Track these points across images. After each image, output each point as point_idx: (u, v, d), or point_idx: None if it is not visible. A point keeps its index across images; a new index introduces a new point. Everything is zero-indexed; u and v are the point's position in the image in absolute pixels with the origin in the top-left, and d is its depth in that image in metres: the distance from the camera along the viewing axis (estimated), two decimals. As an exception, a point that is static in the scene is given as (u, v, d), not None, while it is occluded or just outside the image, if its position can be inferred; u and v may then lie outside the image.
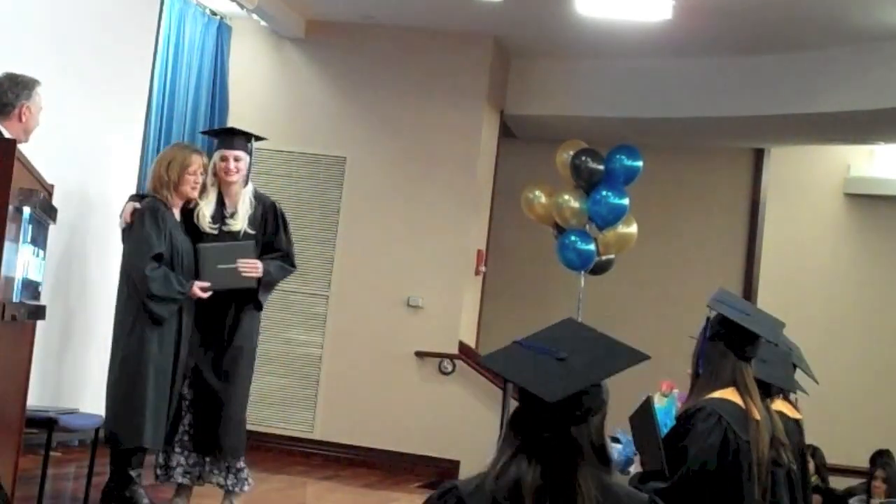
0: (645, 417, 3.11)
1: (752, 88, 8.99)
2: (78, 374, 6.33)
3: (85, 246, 6.17)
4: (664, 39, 8.59)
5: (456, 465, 8.61)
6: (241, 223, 5.45)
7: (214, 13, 8.83)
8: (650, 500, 1.90)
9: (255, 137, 5.61)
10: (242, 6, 8.29)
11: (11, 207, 3.70)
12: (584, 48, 9.21)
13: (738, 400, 3.14)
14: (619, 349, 2.00)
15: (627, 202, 8.25)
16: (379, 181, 9.21)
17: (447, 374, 8.92)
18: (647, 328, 10.33)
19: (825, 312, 10.37)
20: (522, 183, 8.91)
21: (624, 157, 8.34)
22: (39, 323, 4.52)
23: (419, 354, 8.98)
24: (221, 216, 5.47)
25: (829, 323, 10.21)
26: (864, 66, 8.41)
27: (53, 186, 4.48)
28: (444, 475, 8.13)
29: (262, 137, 5.74)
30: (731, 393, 3.15)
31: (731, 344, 3.19)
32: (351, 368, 9.03)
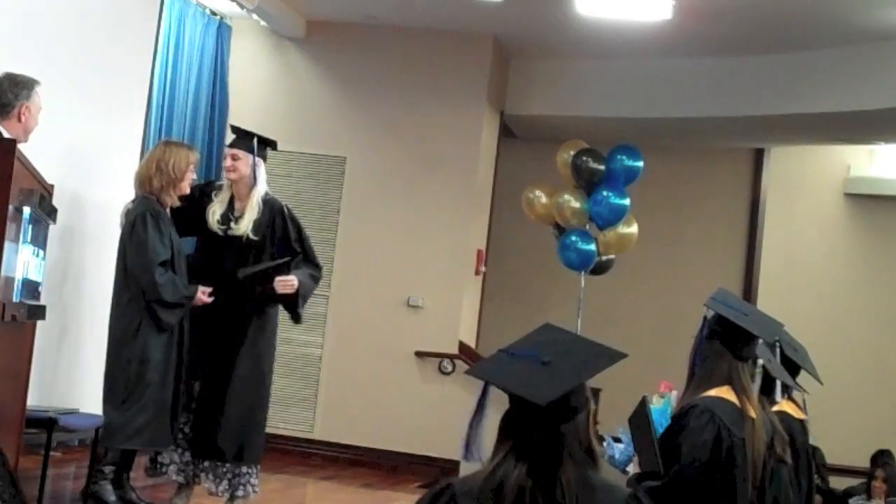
0: (640, 418, 3.13)
1: (752, 88, 8.98)
2: (78, 374, 6.32)
3: (85, 246, 6.16)
4: (664, 39, 8.59)
5: (456, 465, 8.59)
6: (244, 228, 5.47)
7: (214, 13, 8.83)
8: (631, 495, 1.93)
9: (263, 141, 5.63)
10: (242, 6, 8.29)
11: (11, 207, 3.70)
12: (584, 48, 9.21)
13: (732, 398, 3.14)
14: (599, 350, 2.15)
15: (628, 202, 8.26)
16: (379, 181, 9.20)
17: (447, 374, 8.91)
18: (646, 328, 10.34)
19: (825, 312, 10.36)
20: (522, 183, 8.90)
21: (624, 157, 8.35)
22: (39, 323, 4.52)
23: (419, 354, 8.98)
24: (228, 218, 5.49)
25: (828, 322, 10.21)
26: (864, 66, 8.41)
27: (53, 186, 4.48)
28: (444, 475, 8.12)
29: (269, 141, 5.74)
30: (726, 391, 3.15)
31: (727, 343, 3.20)
32: (351, 368, 9.03)
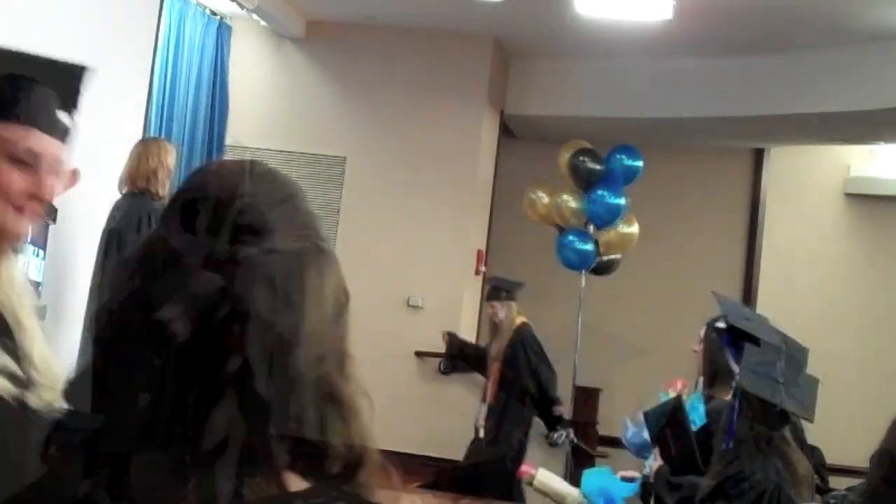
0: (675, 416, 3.18)
1: (752, 88, 8.98)
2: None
3: (85, 246, 6.17)
4: (664, 39, 8.59)
5: (456, 464, 8.60)
6: None
7: (214, 13, 8.83)
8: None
9: None
10: (242, 6, 8.29)
11: (11, 207, 3.70)
12: (584, 48, 9.21)
13: None
14: None
15: (624, 202, 8.27)
16: (379, 181, 9.20)
17: (447, 374, 8.91)
18: (647, 328, 10.33)
19: (825, 312, 10.36)
20: (522, 183, 8.90)
21: (624, 157, 8.35)
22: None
23: (419, 354, 8.98)
24: None
25: (828, 323, 10.20)
26: (864, 66, 8.41)
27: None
28: (444, 475, 8.12)
29: None
30: None
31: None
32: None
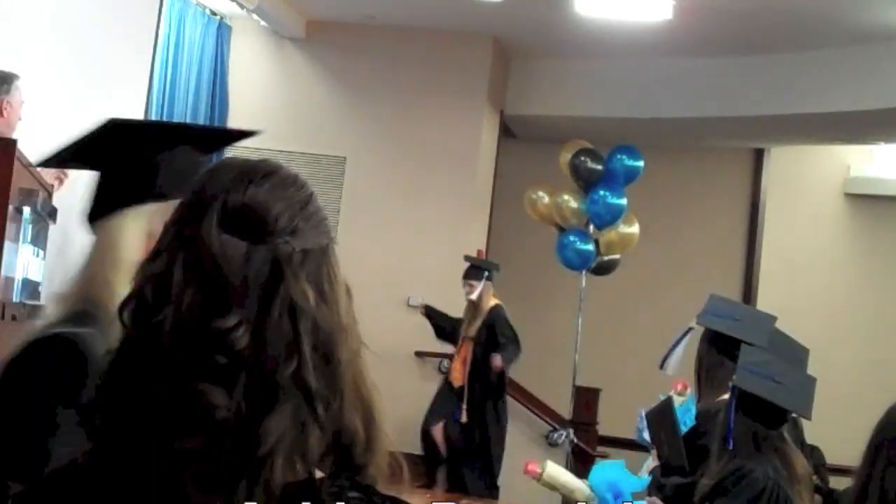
0: (665, 416, 3.19)
1: (752, 88, 8.98)
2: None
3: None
4: (664, 39, 8.59)
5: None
6: None
7: (214, 13, 8.83)
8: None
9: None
10: (242, 6, 8.29)
11: (11, 207, 3.70)
12: (584, 48, 9.21)
13: None
14: None
15: (625, 202, 8.26)
16: (379, 181, 9.20)
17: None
18: (646, 328, 10.33)
19: (825, 312, 10.36)
20: (522, 183, 8.90)
21: (624, 157, 8.35)
22: (39, 323, 4.51)
23: (419, 354, 8.97)
24: None
25: (828, 322, 10.20)
26: (864, 66, 8.41)
27: (53, 186, 4.48)
28: (444, 475, 8.12)
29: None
30: None
31: (723, 351, 3.30)
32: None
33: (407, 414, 8.92)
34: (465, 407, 7.92)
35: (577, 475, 4.07)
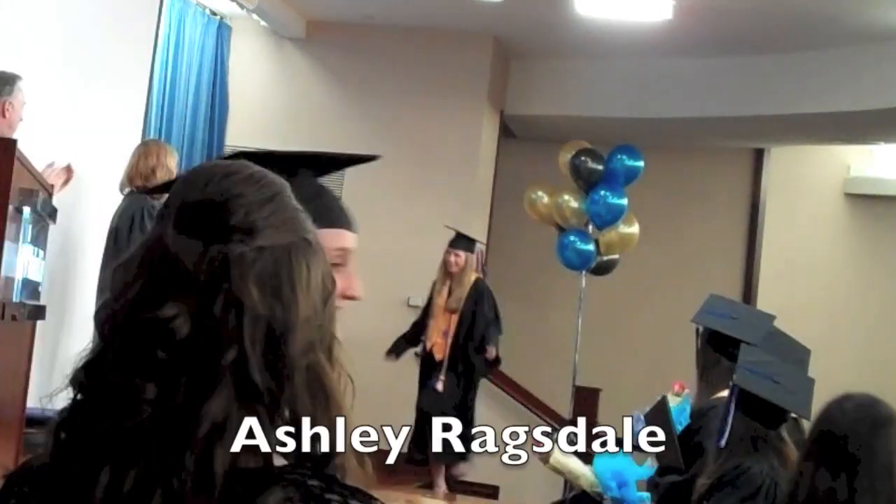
0: (660, 416, 3.20)
1: (752, 88, 8.98)
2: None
3: (85, 246, 6.16)
4: (664, 39, 8.59)
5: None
6: None
7: (214, 13, 8.83)
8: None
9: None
10: (242, 6, 8.29)
11: (11, 207, 3.70)
12: (584, 48, 9.21)
13: None
14: None
15: (626, 202, 8.26)
16: (379, 181, 9.19)
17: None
18: (646, 328, 10.34)
19: (825, 312, 10.36)
20: (523, 183, 8.90)
21: (625, 157, 8.35)
22: (39, 323, 4.52)
23: (419, 354, 8.96)
24: None
25: (828, 322, 10.20)
26: (864, 66, 8.41)
27: (53, 186, 4.48)
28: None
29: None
30: None
31: (720, 350, 3.31)
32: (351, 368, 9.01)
33: (407, 414, 8.92)
34: (442, 378, 7.90)
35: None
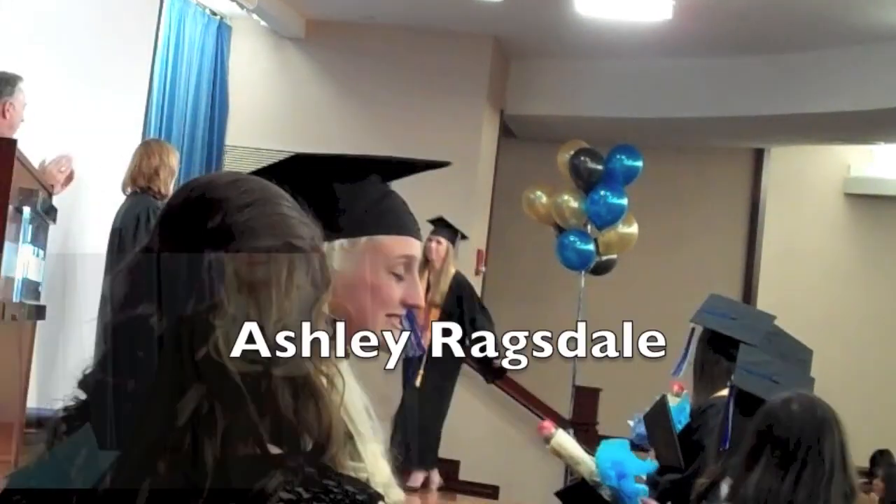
0: (660, 415, 3.22)
1: (752, 88, 8.99)
2: (78, 374, 6.31)
3: (85, 246, 6.16)
4: (664, 39, 8.59)
5: (456, 464, 8.60)
6: None
7: (214, 13, 8.83)
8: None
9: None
10: (242, 6, 8.29)
11: (11, 207, 3.70)
12: (584, 48, 9.21)
13: None
14: None
15: (626, 202, 8.26)
16: (379, 181, 9.20)
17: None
18: (646, 328, 10.32)
19: (825, 312, 10.36)
20: (523, 183, 8.90)
21: (624, 156, 8.35)
22: (39, 323, 4.52)
23: (411, 353, 8.96)
24: None
25: (828, 323, 10.20)
26: (864, 66, 8.41)
27: (53, 186, 4.48)
28: (444, 475, 8.12)
29: None
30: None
31: (719, 350, 3.33)
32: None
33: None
34: (422, 373, 7.68)
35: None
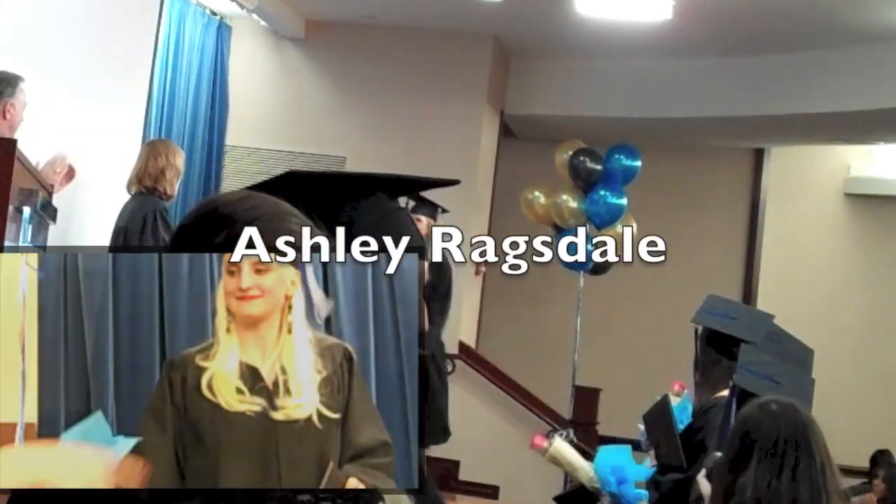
0: (662, 415, 3.23)
1: (752, 88, 8.98)
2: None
3: (85, 245, 6.16)
4: (664, 39, 8.59)
5: (456, 465, 8.61)
6: None
7: (214, 13, 8.83)
8: None
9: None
10: (242, 6, 8.29)
11: (11, 207, 3.70)
12: (584, 48, 9.21)
13: None
14: None
15: (625, 202, 8.27)
16: (379, 181, 9.20)
17: (447, 373, 8.89)
18: (646, 328, 10.34)
19: (825, 312, 10.36)
20: (522, 183, 8.90)
21: (623, 156, 8.35)
22: (39, 323, 4.51)
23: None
24: None
25: (828, 322, 10.20)
26: (864, 66, 8.41)
27: (53, 186, 4.48)
28: (444, 475, 8.12)
29: None
30: None
31: (720, 350, 3.34)
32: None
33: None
34: None
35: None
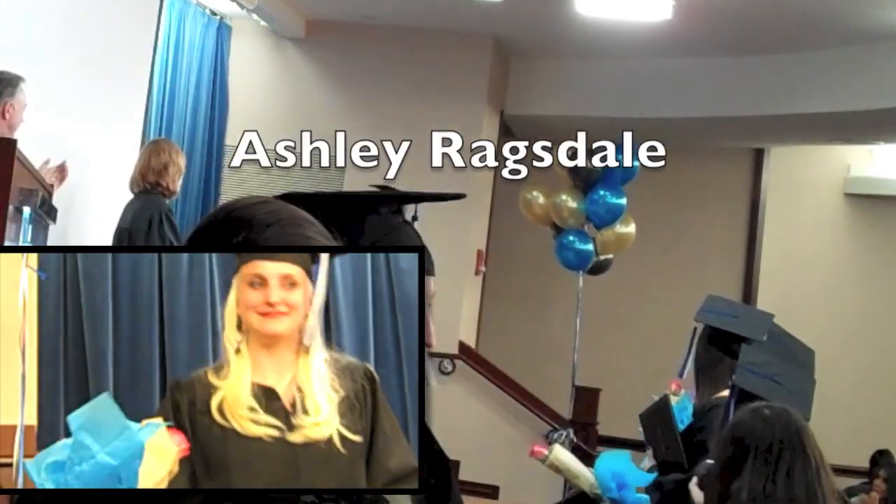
0: (662, 414, 3.23)
1: (752, 88, 8.98)
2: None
3: (85, 246, 6.15)
4: (664, 39, 8.59)
5: (456, 465, 8.60)
6: None
7: (214, 13, 8.83)
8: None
9: None
10: (242, 6, 8.29)
11: (11, 207, 3.70)
12: (584, 48, 9.21)
13: None
14: None
15: (625, 201, 8.27)
16: (379, 181, 9.19)
17: (447, 374, 8.91)
18: (645, 328, 10.34)
19: (825, 312, 10.36)
20: (522, 183, 8.89)
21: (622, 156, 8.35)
22: (39, 323, 4.50)
23: (419, 354, 8.97)
24: None
25: (828, 322, 10.20)
26: (864, 66, 8.41)
27: (53, 186, 4.48)
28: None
29: None
30: None
31: (722, 348, 3.33)
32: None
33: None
34: None
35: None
